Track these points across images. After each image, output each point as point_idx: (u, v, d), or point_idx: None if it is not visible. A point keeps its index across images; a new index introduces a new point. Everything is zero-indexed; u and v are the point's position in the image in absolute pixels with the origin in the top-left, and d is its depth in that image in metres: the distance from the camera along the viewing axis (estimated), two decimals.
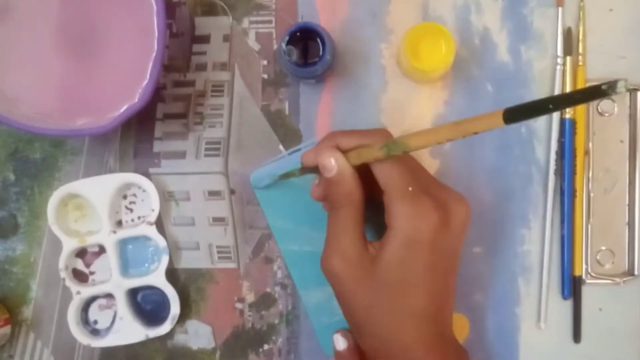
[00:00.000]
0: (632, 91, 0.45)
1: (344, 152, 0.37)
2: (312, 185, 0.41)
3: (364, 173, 0.37)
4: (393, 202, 0.35)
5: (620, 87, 0.23)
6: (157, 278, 0.46)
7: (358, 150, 0.37)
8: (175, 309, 0.46)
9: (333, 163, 0.37)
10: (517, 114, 0.27)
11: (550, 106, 0.26)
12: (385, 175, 0.36)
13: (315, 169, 0.38)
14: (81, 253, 0.48)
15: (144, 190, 0.47)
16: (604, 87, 0.23)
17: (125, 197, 0.48)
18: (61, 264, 0.46)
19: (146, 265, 0.48)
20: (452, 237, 0.36)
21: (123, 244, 0.47)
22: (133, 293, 0.47)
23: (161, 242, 0.46)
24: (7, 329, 0.46)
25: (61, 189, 0.46)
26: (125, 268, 0.47)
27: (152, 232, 0.46)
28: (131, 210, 0.48)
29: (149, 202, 0.47)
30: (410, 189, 0.35)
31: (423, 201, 0.35)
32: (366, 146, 0.36)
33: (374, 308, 0.36)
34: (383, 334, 0.36)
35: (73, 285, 0.46)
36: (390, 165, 0.36)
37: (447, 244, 0.36)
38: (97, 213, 0.47)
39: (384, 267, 0.35)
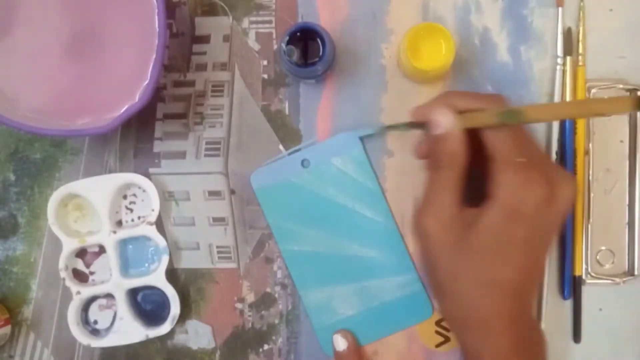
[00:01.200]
0: (632, 91, 0.45)
1: (457, 113, 0.37)
2: (417, 143, 0.40)
3: (471, 139, 0.36)
4: (500, 171, 0.35)
5: None
6: (157, 278, 0.46)
7: (471, 113, 0.36)
8: (175, 309, 0.46)
9: (444, 120, 0.36)
10: None
11: None
12: (496, 142, 0.35)
13: (422, 125, 0.38)
14: (81, 253, 0.48)
15: (144, 191, 0.47)
16: None
17: (125, 197, 0.48)
18: (61, 264, 0.46)
19: (146, 265, 0.48)
20: (554, 214, 0.35)
21: (123, 244, 0.47)
22: (133, 293, 0.47)
23: (161, 242, 0.46)
24: (7, 329, 0.46)
25: (61, 189, 0.46)
26: (125, 268, 0.47)
27: (152, 232, 0.46)
28: (131, 210, 0.48)
29: (149, 202, 0.47)
30: (520, 159, 0.35)
31: (531, 174, 0.34)
32: (480, 110, 0.36)
33: (460, 275, 0.36)
34: (464, 302, 0.36)
35: (73, 285, 0.46)
36: (503, 133, 0.35)
37: (547, 221, 0.35)
38: (97, 213, 0.47)
39: (479, 235, 0.35)
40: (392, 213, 0.46)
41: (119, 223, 0.48)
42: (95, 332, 0.47)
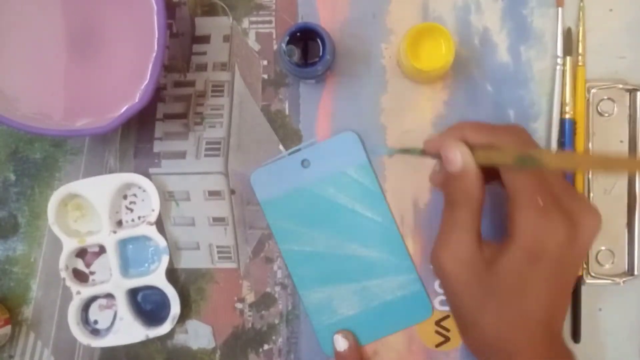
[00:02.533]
0: (632, 91, 0.45)
1: (471, 146, 0.35)
2: (432, 172, 0.39)
3: (488, 168, 0.36)
4: (519, 212, 0.34)
5: None
6: (157, 278, 0.46)
7: (488, 151, 0.35)
8: (175, 309, 0.46)
9: (459, 158, 0.35)
10: None
11: None
12: (515, 181, 0.34)
13: (438, 156, 0.37)
14: (81, 253, 0.48)
15: (144, 191, 0.47)
16: None
17: (125, 197, 0.48)
18: (61, 264, 0.46)
19: (146, 265, 0.48)
20: (577, 251, 0.35)
21: (123, 244, 0.47)
22: (133, 293, 0.47)
23: (161, 242, 0.46)
24: (7, 329, 0.46)
25: (61, 189, 0.46)
26: (126, 268, 0.47)
27: (152, 232, 0.46)
28: (131, 210, 0.48)
29: (149, 202, 0.47)
30: (540, 202, 0.33)
31: (551, 216, 0.33)
32: (497, 149, 0.35)
33: (485, 312, 0.35)
34: (490, 338, 0.35)
35: (73, 285, 0.46)
36: (522, 174, 0.34)
37: (571, 257, 0.34)
38: (97, 213, 0.47)
39: (500, 275, 0.34)
40: (392, 213, 0.46)
41: (119, 223, 0.48)
42: (95, 332, 0.47)
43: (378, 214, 0.46)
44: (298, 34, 0.41)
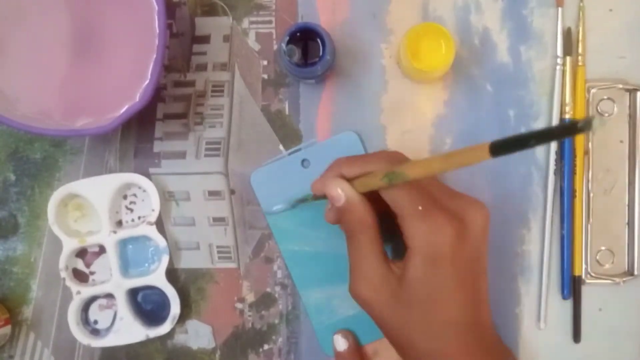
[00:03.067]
0: (632, 91, 0.45)
1: (350, 179, 0.37)
2: (326, 210, 0.41)
3: (376, 193, 0.37)
4: (406, 224, 0.35)
5: (595, 124, 0.25)
6: (158, 278, 0.46)
7: (362, 179, 0.37)
8: (175, 309, 0.46)
9: (340, 192, 0.37)
10: (501, 148, 0.28)
11: (533, 141, 0.27)
12: (394, 199, 0.36)
13: (325, 196, 0.39)
14: (81, 253, 0.48)
15: (144, 191, 0.47)
16: (580, 124, 0.26)
17: (125, 197, 0.48)
18: (61, 264, 0.46)
19: (146, 265, 0.48)
20: (472, 245, 0.36)
21: (123, 244, 0.47)
22: (133, 293, 0.47)
23: (161, 242, 0.46)
24: (7, 329, 0.46)
25: (61, 189, 0.46)
26: (126, 268, 0.47)
27: (153, 232, 0.46)
28: (131, 210, 0.48)
29: (149, 202, 0.47)
30: (420, 207, 0.35)
31: (435, 217, 0.35)
32: (370, 175, 0.36)
33: (409, 326, 0.36)
34: (423, 350, 0.36)
35: (73, 285, 0.46)
36: (396, 189, 0.36)
37: (468, 254, 0.36)
38: (97, 213, 0.47)
39: (410, 286, 0.35)
40: None
41: (119, 223, 0.48)
42: (95, 332, 0.47)
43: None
44: (298, 34, 0.41)
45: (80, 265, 0.48)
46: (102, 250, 0.47)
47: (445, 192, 0.38)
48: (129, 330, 0.46)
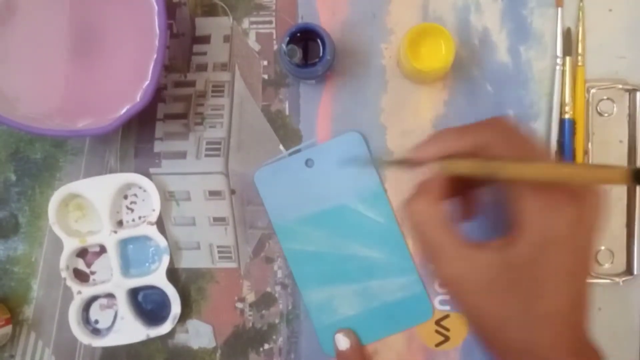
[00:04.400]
0: (632, 91, 0.46)
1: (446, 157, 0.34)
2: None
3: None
4: (522, 196, 0.32)
5: None
6: (158, 278, 0.46)
7: (456, 164, 0.33)
8: (176, 308, 0.46)
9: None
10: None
11: None
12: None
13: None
14: (82, 253, 0.48)
15: (144, 190, 0.47)
16: None
17: (126, 197, 0.48)
18: (62, 263, 0.46)
19: (147, 265, 0.48)
20: (587, 232, 0.32)
21: (124, 243, 0.47)
22: (134, 293, 0.48)
23: (162, 242, 0.46)
24: (8, 329, 0.46)
25: (62, 189, 0.46)
26: (126, 268, 0.47)
27: (153, 232, 0.46)
28: (132, 210, 0.48)
29: (150, 202, 0.47)
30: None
31: (557, 192, 0.31)
32: (463, 162, 0.33)
33: (504, 314, 0.33)
34: (517, 342, 0.33)
35: (74, 285, 0.46)
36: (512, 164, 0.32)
37: (583, 239, 0.32)
38: (97, 213, 0.47)
39: (514, 269, 0.32)
40: (394, 214, 0.46)
41: (120, 223, 0.48)
42: (96, 332, 0.47)
43: (381, 215, 0.46)
44: (298, 34, 0.42)
45: (81, 265, 0.48)
46: (102, 250, 0.48)
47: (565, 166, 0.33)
48: (130, 330, 0.46)
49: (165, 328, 0.46)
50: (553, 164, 0.30)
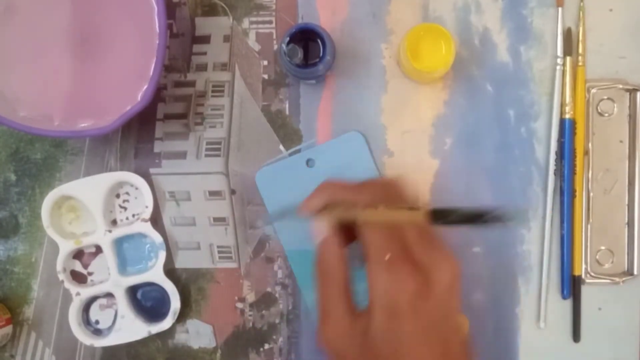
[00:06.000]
0: (632, 91, 0.45)
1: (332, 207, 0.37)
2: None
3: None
4: (369, 273, 0.34)
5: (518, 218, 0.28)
6: (156, 274, 0.46)
7: (337, 211, 0.36)
8: (175, 303, 0.46)
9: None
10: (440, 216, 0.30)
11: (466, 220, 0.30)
12: (365, 241, 0.35)
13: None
14: (78, 254, 0.48)
15: (136, 188, 0.47)
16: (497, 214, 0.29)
17: (118, 196, 0.48)
18: (59, 266, 0.46)
19: (144, 262, 0.48)
20: (437, 303, 0.33)
21: (119, 242, 0.47)
22: (133, 291, 0.48)
23: (157, 238, 0.46)
24: (8, 329, 0.47)
25: (53, 192, 0.46)
26: (123, 266, 0.47)
27: (148, 228, 0.46)
28: (125, 208, 0.48)
29: (142, 199, 0.47)
30: (387, 256, 0.33)
31: (398, 268, 0.33)
32: (342, 208, 0.36)
33: None
34: None
35: (72, 287, 0.46)
36: (370, 231, 0.34)
37: (432, 311, 0.33)
38: (91, 214, 0.47)
39: (374, 340, 0.33)
40: None
41: (114, 222, 0.48)
42: (97, 332, 0.47)
43: None
44: (298, 34, 0.41)
45: (78, 266, 0.48)
46: (98, 250, 0.48)
47: (423, 241, 0.35)
48: (131, 328, 0.46)
49: (166, 324, 0.46)
50: (374, 210, 0.33)
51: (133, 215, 0.48)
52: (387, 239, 0.34)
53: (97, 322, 0.48)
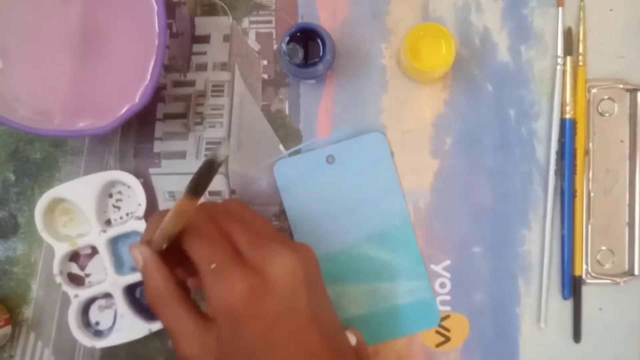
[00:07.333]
0: (632, 91, 0.45)
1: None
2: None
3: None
4: (203, 285, 0.34)
5: (223, 152, 0.29)
6: None
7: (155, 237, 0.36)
8: None
9: (138, 255, 0.36)
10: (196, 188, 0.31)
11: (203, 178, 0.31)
12: (192, 255, 0.34)
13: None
14: (74, 257, 0.48)
15: (129, 187, 0.47)
16: (210, 157, 0.29)
17: (110, 195, 0.47)
18: (55, 269, 0.46)
19: None
20: (279, 299, 0.33)
21: (114, 242, 0.47)
22: (131, 289, 0.47)
23: None
24: (7, 329, 0.46)
25: (45, 195, 0.46)
26: (120, 265, 0.47)
27: (142, 226, 0.46)
28: (118, 208, 0.48)
29: (135, 197, 0.47)
30: (213, 265, 0.33)
31: (227, 274, 0.33)
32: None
33: None
34: None
35: (70, 289, 0.46)
36: (193, 244, 0.34)
37: (276, 307, 0.33)
38: (84, 215, 0.46)
39: (228, 348, 0.33)
40: (410, 217, 0.46)
41: (108, 222, 0.47)
42: (98, 333, 0.47)
43: (397, 217, 0.45)
44: (298, 34, 0.41)
45: (74, 269, 0.48)
46: (94, 251, 0.47)
47: (253, 243, 0.35)
48: (131, 327, 0.46)
49: None
50: (159, 224, 0.34)
51: (127, 214, 0.47)
52: (211, 248, 0.34)
53: (97, 323, 0.48)
